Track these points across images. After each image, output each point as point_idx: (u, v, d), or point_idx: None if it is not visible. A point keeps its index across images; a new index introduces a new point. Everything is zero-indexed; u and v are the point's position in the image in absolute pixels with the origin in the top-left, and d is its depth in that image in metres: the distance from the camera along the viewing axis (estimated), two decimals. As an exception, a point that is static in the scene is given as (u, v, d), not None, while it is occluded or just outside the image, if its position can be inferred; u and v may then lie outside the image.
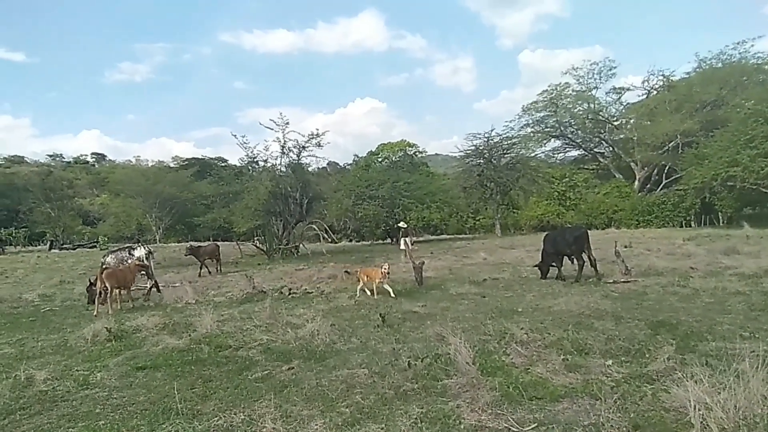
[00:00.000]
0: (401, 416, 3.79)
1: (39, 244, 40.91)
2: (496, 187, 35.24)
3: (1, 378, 5.36)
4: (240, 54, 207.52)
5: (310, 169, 26.58)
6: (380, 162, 56.61)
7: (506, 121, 51.30)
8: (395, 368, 4.99)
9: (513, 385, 4.26)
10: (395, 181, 31.41)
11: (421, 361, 5.07)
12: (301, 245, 23.74)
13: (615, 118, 46.81)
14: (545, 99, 46.85)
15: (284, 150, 23.73)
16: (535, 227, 36.27)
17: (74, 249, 35.97)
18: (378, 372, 4.90)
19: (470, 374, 4.52)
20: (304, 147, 23.89)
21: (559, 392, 4.08)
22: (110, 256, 11.90)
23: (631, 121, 44.74)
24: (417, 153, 59.88)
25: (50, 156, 77.95)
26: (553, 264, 11.08)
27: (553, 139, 49.83)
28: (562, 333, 5.85)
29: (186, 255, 17.78)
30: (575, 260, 10.67)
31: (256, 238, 24.66)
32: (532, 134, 48.08)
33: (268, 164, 24.61)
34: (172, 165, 58.99)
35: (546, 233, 12.71)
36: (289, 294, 10.91)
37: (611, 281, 9.92)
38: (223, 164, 41.86)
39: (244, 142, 24.08)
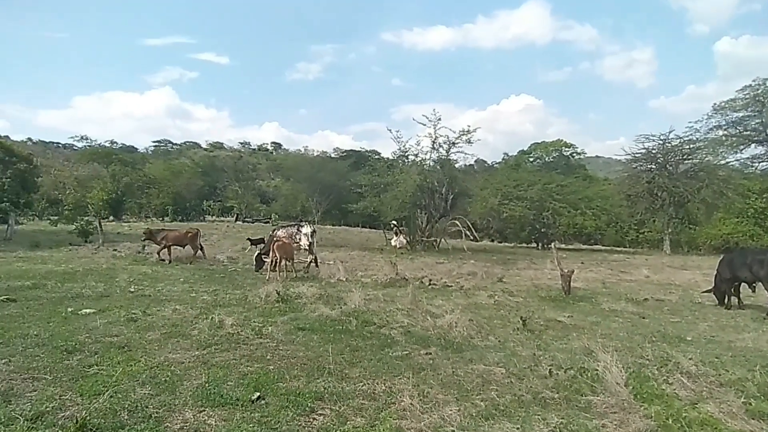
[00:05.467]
0: (538, 422, 3.70)
1: (228, 216, 49.38)
2: (670, 198, 30.45)
3: (203, 318, 6.74)
4: (399, 52, 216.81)
5: (457, 165, 26.71)
6: (531, 162, 53.76)
7: (690, 122, 43.60)
8: (534, 374, 4.85)
9: (674, 417, 3.79)
10: (547, 182, 29.45)
11: (564, 372, 4.83)
12: (442, 240, 24.08)
13: None
14: (747, 96, 38.26)
15: (434, 145, 24.30)
16: (717, 248, 30.14)
17: (253, 222, 42.54)
18: (515, 374, 4.83)
19: (620, 396, 4.16)
20: (453, 143, 24.09)
21: (735, 438, 3.50)
22: (281, 230, 13.73)
23: None
24: (574, 154, 55.30)
25: (241, 143, 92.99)
26: (732, 292, 9.36)
27: (753, 145, 40.52)
28: (746, 373, 4.94)
29: (143, 240, 14.71)
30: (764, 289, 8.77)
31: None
32: (724, 138, 39.90)
33: (418, 158, 25.49)
34: (333, 155, 64.83)
35: (723, 255, 10.72)
36: (429, 285, 11.27)
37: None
38: (376, 157, 44.63)
39: (398, 137, 25.33)
